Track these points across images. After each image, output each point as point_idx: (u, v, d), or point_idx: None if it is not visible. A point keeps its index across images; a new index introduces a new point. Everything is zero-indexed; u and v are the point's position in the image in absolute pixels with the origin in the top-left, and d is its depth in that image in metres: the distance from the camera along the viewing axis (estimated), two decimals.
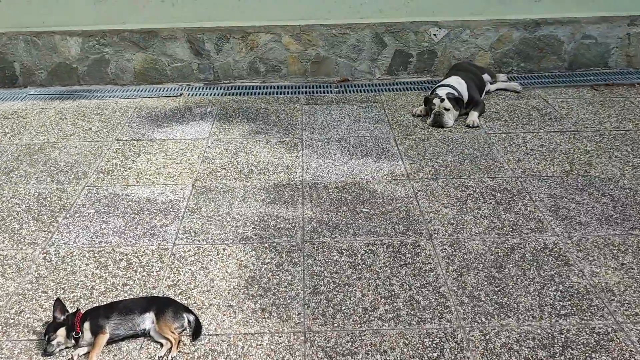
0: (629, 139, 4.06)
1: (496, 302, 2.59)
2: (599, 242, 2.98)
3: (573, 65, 5.29)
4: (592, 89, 4.94)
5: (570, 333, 2.41)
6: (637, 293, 2.63)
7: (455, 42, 5.16)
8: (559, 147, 3.95)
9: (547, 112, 4.50)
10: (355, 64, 5.22)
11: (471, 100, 4.44)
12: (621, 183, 3.51)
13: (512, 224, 3.14)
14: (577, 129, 4.22)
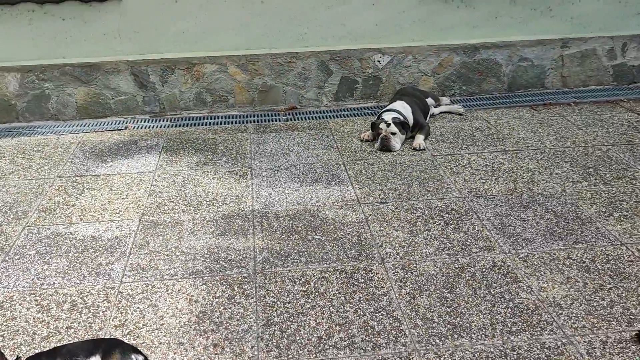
0: (568, 155, 4.21)
1: (449, 323, 2.60)
2: (545, 258, 3.06)
3: (512, 86, 5.48)
4: (531, 109, 5.13)
5: (522, 349, 2.45)
6: (583, 306, 2.70)
7: (398, 68, 5.28)
8: (503, 167, 4.07)
9: (489, 133, 4.64)
10: (303, 91, 5.26)
11: (417, 124, 4.53)
12: (562, 199, 3.63)
13: (462, 244, 3.19)
14: (519, 148, 4.35)
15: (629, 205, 3.54)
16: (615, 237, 3.22)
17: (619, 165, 4.05)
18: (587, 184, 3.80)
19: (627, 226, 3.32)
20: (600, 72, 5.55)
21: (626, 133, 4.58)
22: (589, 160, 4.13)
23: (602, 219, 3.40)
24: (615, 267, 2.97)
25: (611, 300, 2.73)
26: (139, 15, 4.86)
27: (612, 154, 4.22)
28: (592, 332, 2.54)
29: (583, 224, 3.36)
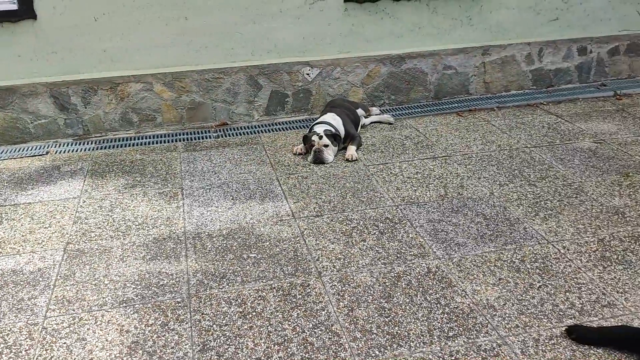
0: (494, 159, 4.35)
1: (388, 333, 2.60)
2: (477, 261, 3.12)
3: (438, 94, 5.62)
4: (457, 115, 5.27)
5: (460, 354, 2.47)
6: (516, 305, 2.77)
7: (328, 80, 5.31)
8: (433, 173, 4.15)
9: (419, 141, 4.72)
10: (233, 107, 5.20)
11: (348, 135, 4.56)
12: (491, 201, 3.73)
13: (397, 252, 3.21)
14: (448, 154, 4.45)
15: (553, 204, 3.68)
16: (542, 236, 3.33)
17: (542, 165, 4.22)
18: (513, 186, 3.92)
19: (553, 225, 3.45)
20: (520, 77, 5.78)
21: (547, 135, 4.78)
22: (514, 163, 4.27)
23: (528, 219, 3.52)
24: (544, 266, 3.07)
25: (541, 298, 2.81)
26: (56, 35, 4.66)
27: (535, 156, 4.39)
28: (525, 331, 2.60)
29: (511, 225, 3.46)
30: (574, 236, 3.33)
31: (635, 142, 4.58)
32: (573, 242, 3.28)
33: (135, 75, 4.89)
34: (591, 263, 3.08)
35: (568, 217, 3.52)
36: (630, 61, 6.02)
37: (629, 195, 3.77)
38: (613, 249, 3.19)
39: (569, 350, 2.48)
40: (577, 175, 4.06)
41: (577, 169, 4.14)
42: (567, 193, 3.81)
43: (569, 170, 4.14)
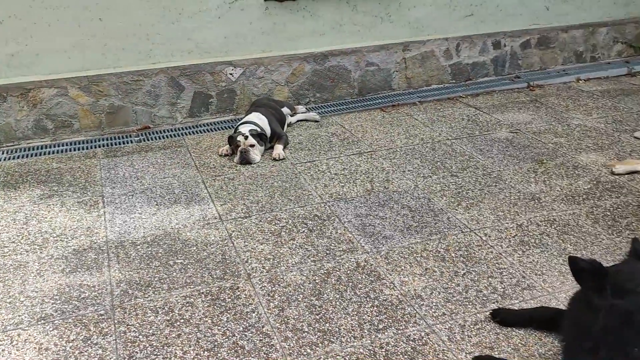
0: (417, 152, 4.45)
1: (319, 330, 2.60)
2: (404, 252, 3.18)
3: (362, 91, 5.70)
4: (381, 110, 5.36)
5: (390, 345, 2.51)
6: (442, 294, 2.84)
7: (252, 79, 5.26)
8: (359, 168, 4.19)
9: (345, 137, 4.77)
10: (155, 110, 5.05)
11: (274, 134, 4.54)
12: (416, 194, 3.81)
13: (326, 249, 3.22)
14: (373, 149, 4.52)
15: (474, 193, 3.81)
16: (465, 225, 3.44)
17: (462, 157, 4.35)
18: (436, 178, 4.03)
19: (474, 213, 3.57)
20: (439, 71, 5.95)
21: (466, 127, 4.94)
22: (437, 155, 4.39)
23: (452, 209, 3.62)
24: (467, 253, 3.16)
25: (466, 285, 2.90)
26: None
27: (456, 147, 4.52)
28: (451, 318, 2.68)
29: (436, 215, 3.55)
30: (494, 223, 3.45)
31: (548, 130, 4.82)
32: (494, 229, 3.40)
33: (47, 80, 4.65)
34: (511, 248, 3.21)
35: (488, 205, 3.66)
36: (541, 54, 6.33)
37: (544, 181, 3.95)
38: (531, 234, 3.33)
39: (493, 334, 2.57)
40: (496, 164, 4.22)
41: (496, 159, 4.31)
42: (487, 182, 3.95)
43: (488, 160, 4.29)
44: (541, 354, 2.46)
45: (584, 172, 4.07)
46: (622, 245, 3.19)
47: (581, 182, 3.93)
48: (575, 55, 6.52)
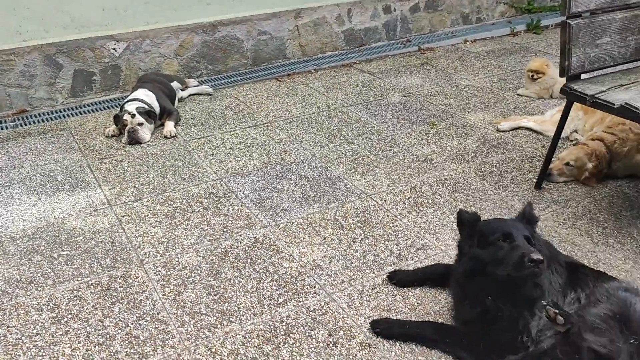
0: (314, 121, 4.42)
1: (217, 311, 2.53)
2: (302, 223, 3.16)
3: (256, 61, 5.56)
4: (276, 80, 5.27)
5: (290, 319, 2.49)
6: (340, 262, 2.85)
7: (138, 54, 4.97)
8: (256, 141, 4.10)
9: (240, 110, 4.64)
10: (31, 91, 4.66)
11: (164, 111, 4.33)
12: (313, 163, 3.79)
13: (223, 227, 3.13)
14: (269, 121, 4.44)
15: (369, 159, 3.84)
16: (361, 191, 3.47)
17: (358, 123, 4.38)
18: (333, 146, 4.02)
19: (370, 179, 3.60)
20: (333, 38, 5.92)
21: (361, 93, 4.97)
22: (333, 123, 4.38)
23: (348, 176, 3.64)
24: (364, 219, 3.19)
25: (363, 251, 2.93)
26: None
27: (352, 114, 4.54)
28: (350, 284, 2.69)
29: (333, 184, 3.55)
30: (389, 187, 3.51)
31: (438, 92, 4.95)
32: (389, 192, 3.45)
33: None
34: (406, 210, 3.27)
35: (384, 170, 3.70)
36: (430, 17, 6.46)
37: (435, 142, 4.06)
38: (424, 195, 3.42)
39: (391, 296, 2.62)
40: (390, 128, 4.28)
41: (390, 123, 4.37)
42: (382, 147, 4.00)
43: (382, 125, 4.34)
44: (436, 311, 2.54)
45: (472, 131, 4.22)
46: (508, 199, 3.35)
47: (470, 141, 4.07)
48: (462, 17, 6.71)
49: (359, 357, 2.29)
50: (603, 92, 3.02)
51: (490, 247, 2.22)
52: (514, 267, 2.11)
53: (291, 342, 2.36)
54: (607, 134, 3.59)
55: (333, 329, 2.43)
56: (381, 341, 2.36)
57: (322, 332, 2.41)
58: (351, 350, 2.32)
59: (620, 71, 3.35)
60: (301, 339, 2.38)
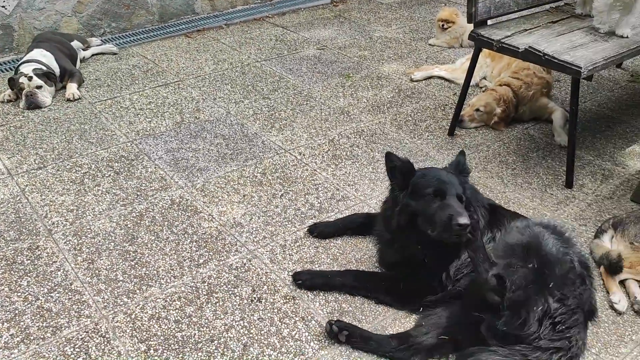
0: (227, 77, 4.28)
1: (135, 277, 2.44)
2: (220, 182, 3.08)
3: (163, 17, 5.29)
4: (186, 37, 5.05)
5: (212, 278, 2.44)
6: (262, 218, 2.81)
7: (31, 12, 4.59)
8: (167, 100, 3.93)
9: (148, 69, 4.42)
10: None
11: (65, 72, 4.05)
12: (228, 121, 3.69)
13: (136, 190, 3.00)
14: (180, 79, 4.26)
15: (286, 114, 3.79)
16: (280, 146, 3.42)
17: (273, 78, 4.29)
18: (248, 102, 3.93)
19: (288, 133, 3.56)
20: None
21: (275, 47, 4.86)
22: (247, 79, 4.27)
23: (265, 131, 3.57)
24: (284, 174, 3.16)
25: (284, 206, 2.91)
26: None
27: (266, 69, 4.43)
28: (272, 240, 2.67)
29: (250, 140, 3.48)
30: (307, 141, 3.48)
31: (352, 44, 4.92)
32: (307, 146, 3.43)
33: None
34: (325, 163, 3.27)
35: (301, 124, 3.67)
36: None
37: (351, 94, 4.06)
38: (342, 147, 3.42)
39: (313, 248, 2.62)
40: (306, 82, 4.22)
41: (306, 77, 4.31)
42: (299, 101, 3.95)
43: (298, 79, 4.28)
44: (358, 259, 2.57)
45: (387, 81, 4.25)
46: (423, 147, 3.42)
47: (385, 92, 4.10)
48: None
49: (283, 310, 2.29)
50: (508, 36, 3.10)
51: (422, 200, 2.22)
52: (441, 228, 2.13)
53: (214, 302, 2.32)
54: (513, 79, 3.71)
55: (256, 284, 2.41)
56: (305, 293, 2.37)
57: (245, 289, 2.39)
58: (275, 304, 2.32)
59: (524, 16, 3.45)
60: (224, 298, 2.34)
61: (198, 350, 2.11)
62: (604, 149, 3.46)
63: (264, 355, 2.10)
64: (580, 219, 2.85)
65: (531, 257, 2.05)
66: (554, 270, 2.03)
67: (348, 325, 2.15)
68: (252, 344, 2.14)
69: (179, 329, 2.20)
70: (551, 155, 3.37)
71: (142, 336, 2.16)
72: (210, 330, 2.20)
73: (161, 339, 2.16)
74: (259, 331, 2.19)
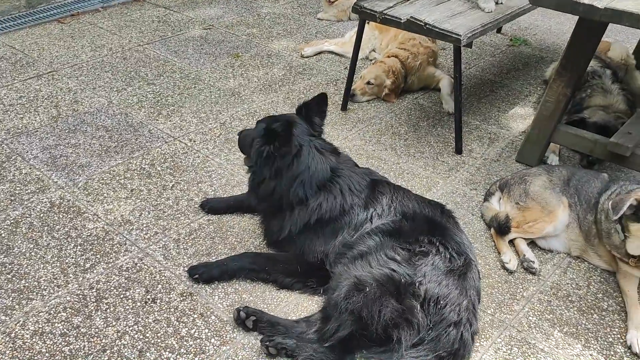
0: (107, 64, 4.01)
1: (13, 291, 2.23)
2: (105, 178, 2.88)
3: (31, 1, 4.85)
4: (59, 22, 4.66)
5: (101, 283, 2.28)
6: (152, 213, 2.66)
7: None
8: (40, 93, 3.62)
9: (17, 60, 4.04)
10: None
11: None
12: (111, 111, 3.46)
13: (10, 195, 2.74)
14: (55, 69, 3.93)
15: (174, 99, 3.60)
16: (168, 134, 3.25)
17: (157, 62, 4.06)
18: (132, 89, 3.70)
19: (176, 120, 3.39)
20: None
21: (158, 29, 4.61)
22: (129, 64, 4.02)
23: (152, 120, 3.38)
24: (174, 164, 3.01)
25: (176, 197, 2.77)
26: None
27: (149, 53, 4.19)
28: (165, 235, 2.53)
29: (136, 130, 3.27)
30: (197, 127, 3.33)
31: (240, 22, 4.77)
32: (198, 132, 3.28)
33: None
34: (217, 149, 3.14)
35: (190, 109, 3.50)
36: None
37: (242, 74, 3.93)
38: (235, 130, 3.30)
39: (209, 239, 2.52)
40: (193, 64, 4.04)
41: (192, 59, 4.12)
42: (186, 85, 3.77)
43: (184, 61, 4.09)
44: (256, 246, 2.50)
45: (277, 59, 4.16)
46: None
47: (276, 70, 4.01)
48: None
49: (180, 309, 2.18)
50: (391, 7, 3.10)
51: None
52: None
53: (104, 308, 2.17)
54: (400, 50, 3.74)
55: (150, 285, 2.28)
56: (203, 287, 2.27)
57: (138, 291, 2.25)
58: (172, 303, 2.20)
59: None
60: (115, 302, 2.19)
61: None
62: (489, 113, 3.58)
63: (161, 358, 1.98)
64: (471, 184, 2.94)
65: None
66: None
67: (256, 311, 2.09)
68: (149, 348, 2.02)
69: (66, 343, 2.03)
70: (440, 123, 3.45)
71: (23, 356, 1.98)
72: (101, 339, 2.05)
73: (46, 356, 1.98)
74: (155, 334, 2.07)
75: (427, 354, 1.87)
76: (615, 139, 2.72)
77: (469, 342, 1.96)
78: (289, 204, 2.27)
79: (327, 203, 2.24)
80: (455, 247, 2.10)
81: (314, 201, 2.25)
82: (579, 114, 3.15)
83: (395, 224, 2.20)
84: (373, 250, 2.10)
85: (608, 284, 2.39)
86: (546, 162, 3.08)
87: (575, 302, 2.30)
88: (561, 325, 2.19)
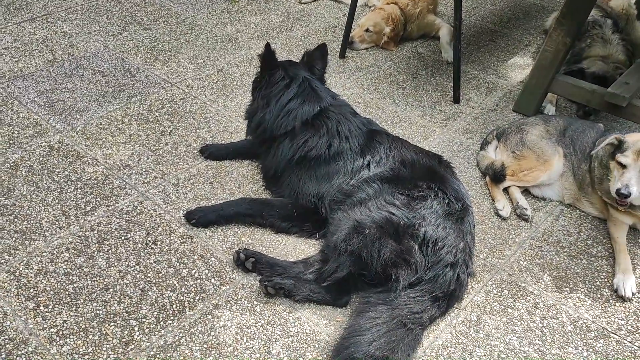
0: (102, 8, 3.94)
1: (16, 232, 2.27)
2: (103, 123, 2.88)
3: None
4: None
5: (102, 225, 2.32)
6: (151, 158, 2.68)
7: None
8: (35, 37, 3.57)
9: (10, 2, 3.95)
10: None
11: None
12: (107, 55, 3.42)
13: (8, 139, 2.74)
14: (48, 12, 3.86)
15: (170, 45, 3.56)
16: (165, 80, 3.23)
17: (153, 6, 3.99)
18: (127, 34, 3.65)
19: (173, 66, 3.36)
20: None
21: None
22: (124, 9, 3.94)
23: (149, 65, 3.35)
24: (171, 110, 3.00)
25: (174, 143, 2.78)
26: None
27: None
28: (164, 179, 2.56)
29: (132, 75, 3.25)
30: (195, 73, 3.31)
31: None
32: (195, 78, 3.27)
33: None
34: (215, 95, 3.14)
35: (187, 55, 3.47)
36: None
37: (239, 20, 3.88)
38: (232, 76, 3.29)
39: (208, 185, 2.55)
40: (190, 9, 3.98)
41: (189, 3, 4.05)
42: (183, 30, 3.72)
43: (180, 6, 4.02)
44: (255, 191, 2.53)
45: (275, 5, 4.09)
46: None
47: (274, 16, 3.95)
48: None
49: (181, 251, 2.23)
50: None
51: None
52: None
53: (106, 249, 2.21)
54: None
55: (150, 227, 2.32)
56: (202, 230, 2.32)
57: (139, 233, 2.29)
58: (172, 245, 2.25)
59: None
60: (117, 244, 2.24)
61: (93, 300, 2.02)
62: (487, 62, 3.57)
63: (163, 297, 2.04)
64: (468, 133, 2.96)
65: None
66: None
67: (255, 253, 2.15)
68: (150, 287, 2.08)
69: (69, 282, 2.08)
70: (439, 72, 3.44)
71: (29, 294, 2.03)
72: (104, 279, 2.10)
73: (51, 294, 2.04)
74: (156, 274, 2.13)
75: (423, 294, 1.94)
76: (612, 89, 2.73)
77: (465, 283, 2.03)
78: (275, 137, 2.34)
79: (312, 140, 2.29)
80: (454, 193, 2.14)
81: (300, 138, 2.31)
82: (577, 64, 3.15)
83: (394, 172, 2.23)
84: (372, 196, 2.14)
85: (598, 231, 2.45)
86: (543, 112, 3.09)
87: (565, 247, 2.37)
88: (551, 270, 2.26)
